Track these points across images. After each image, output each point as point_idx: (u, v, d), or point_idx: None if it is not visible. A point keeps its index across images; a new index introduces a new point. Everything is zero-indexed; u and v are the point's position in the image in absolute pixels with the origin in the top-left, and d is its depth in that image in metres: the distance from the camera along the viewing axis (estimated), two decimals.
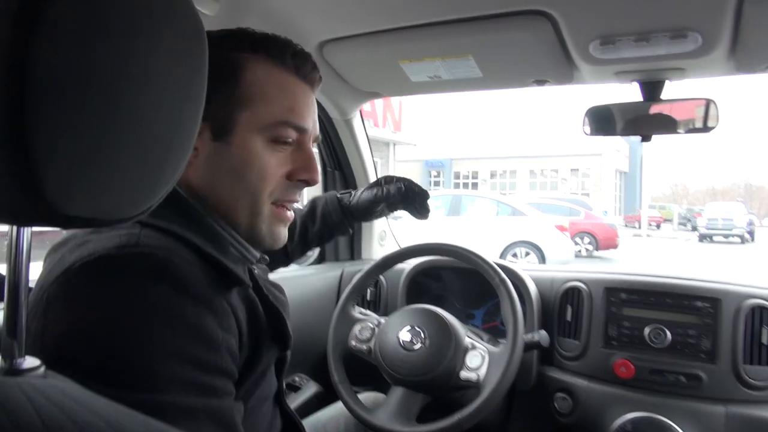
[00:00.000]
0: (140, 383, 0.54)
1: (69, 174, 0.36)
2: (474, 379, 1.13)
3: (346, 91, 1.56)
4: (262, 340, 0.74)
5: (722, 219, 19.96)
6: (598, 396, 1.36)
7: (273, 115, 0.73)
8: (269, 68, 0.74)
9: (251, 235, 0.76)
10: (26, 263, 0.44)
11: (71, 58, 0.34)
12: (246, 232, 0.75)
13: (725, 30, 1.05)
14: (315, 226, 1.23)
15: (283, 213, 0.78)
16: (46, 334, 0.56)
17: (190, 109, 0.45)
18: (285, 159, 0.76)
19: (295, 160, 0.76)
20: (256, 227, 0.75)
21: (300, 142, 0.77)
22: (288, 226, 0.80)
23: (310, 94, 0.78)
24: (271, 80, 0.74)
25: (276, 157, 0.74)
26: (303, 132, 0.76)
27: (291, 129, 0.74)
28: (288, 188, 0.77)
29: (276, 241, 0.78)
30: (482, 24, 1.14)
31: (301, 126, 0.75)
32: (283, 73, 0.75)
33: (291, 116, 0.74)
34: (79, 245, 0.61)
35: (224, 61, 0.71)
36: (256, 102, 0.72)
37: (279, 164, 0.75)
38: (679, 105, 1.32)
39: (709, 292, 1.32)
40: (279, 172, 0.75)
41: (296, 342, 1.49)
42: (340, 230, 1.27)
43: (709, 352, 1.29)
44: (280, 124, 0.73)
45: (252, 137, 0.72)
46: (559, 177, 27.89)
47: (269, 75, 0.73)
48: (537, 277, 1.52)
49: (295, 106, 0.75)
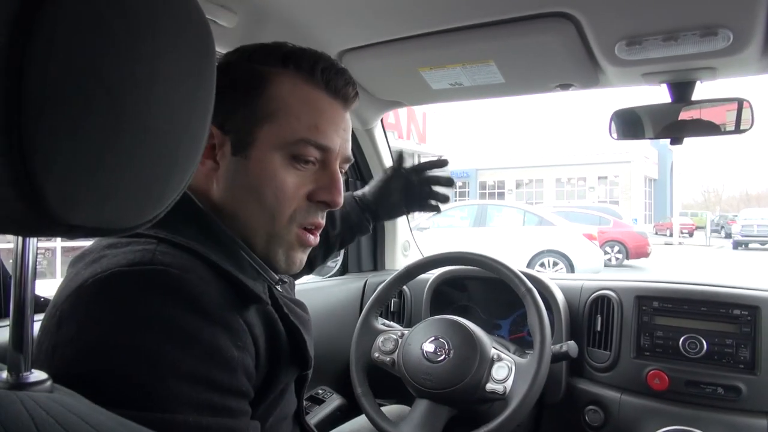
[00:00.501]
0: (151, 404, 0.53)
1: (71, 182, 0.35)
2: (500, 391, 1.09)
3: (367, 100, 1.55)
4: (280, 359, 0.72)
5: (758, 225, 19.38)
6: (630, 409, 1.31)
7: (294, 132, 0.69)
8: (297, 82, 0.71)
9: (266, 257, 0.73)
10: (32, 276, 0.43)
11: (72, 62, 0.34)
12: (262, 253, 0.72)
13: (758, 26, 1.01)
14: (336, 229, 1.21)
15: (307, 238, 0.74)
16: (57, 352, 0.55)
17: (198, 116, 0.44)
18: (307, 178, 0.72)
19: (317, 180, 0.73)
20: (272, 250, 0.72)
21: (325, 162, 0.73)
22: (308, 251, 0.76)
23: (340, 111, 0.74)
24: (296, 95, 0.70)
25: (296, 175, 0.71)
26: (326, 151, 0.72)
27: (312, 147, 0.70)
28: (310, 210, 0.73)
29: (291, 267, 0.75)
30: (503, 28, 1.13)
31: (323, 145, 0.71)
32: (311, 88, 0.71)
33: (313, 134, 0.70)
34: (94, 261, 0.61)
35: (252, 73, 0.70)
36: (278, 117, 0.69)
37: (299, 184, 0.71)
38: (710, 106, 1.28)
39: (747, 300, 1.27)
40: (300, 193, 0.71)
41: (319, 354, 1.48)
42: (361, 229, 1.24)
43: (748, 362, 1.23)
44: (300, 141, 0.70)
45: (270, 153, 0.69)
46: (586, 185, 27.55)
47: (295, 89, 0.70)
48: (564, 285, 1.48)
49: (319, 123, 0.71)
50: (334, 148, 0.72)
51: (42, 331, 0.59)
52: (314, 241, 0.75)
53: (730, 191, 55.30)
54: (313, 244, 0.76)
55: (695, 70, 1.21)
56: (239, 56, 0.73)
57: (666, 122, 1.32)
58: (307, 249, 0.76)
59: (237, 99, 0.69)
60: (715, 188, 54.29)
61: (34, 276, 0.44)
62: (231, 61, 0.74)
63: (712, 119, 1.28)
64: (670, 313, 1.33)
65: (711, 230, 23.65)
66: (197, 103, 0.44)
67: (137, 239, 0.63)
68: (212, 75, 0.46)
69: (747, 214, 20.99)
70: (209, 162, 0.70)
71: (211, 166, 0.70)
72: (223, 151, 0.70)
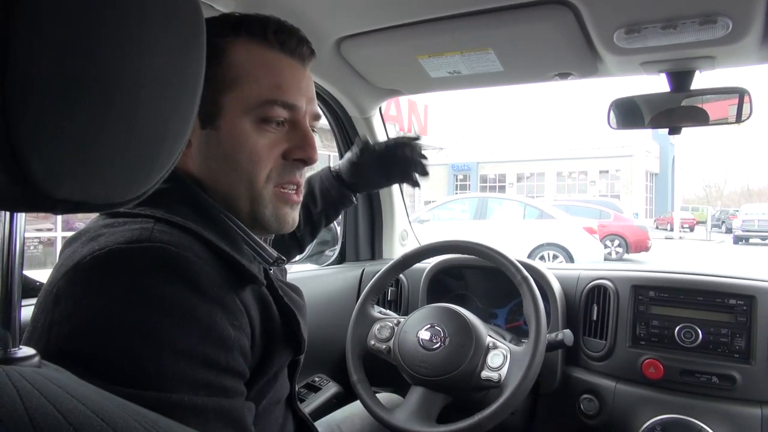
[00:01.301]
0: (147, 381, 0.53)
1: (57, 156, 0.35)
2: (495, 378, 1.10)
3: (365, 88, 1.55)
4: (274, 341, 0.72)
5: (758, 220, 19.35)
6: (625, 397, 1.32)
7: (258, 95, 0.70)
8: (251, 47, 0.71)
9: (255, 220, 0.73)
10: (20, 252, 0.43)
11: (58, 40, 0.33)
12: (250, 218, 0.73)
13: (757, 14, 1.00)
14: (318, 206, 1.20)
15: (288, 195, 0.75)
16: (53, 329, 0.55)
17: (187, 93, 0.44)
18: (279, 139, 0.73)
19: (289, 140, 0.73)
20: (258, 212, 0.73)
21: (294, 121, 0.74)
22: (297, 209, 0.78)
23: (299, 70, 0.74)
24: (254, 59, 0.71)
25: (268, 137, 0.72)
26: (293, 109, 0.73)
27: (279, 107, 0.71)
28: (286, 169, 0.74)
29: (283, 223, 0.76)
30: (502, 16, 1.12)
31: (289, 103, 0.72)
32: (266, 50, 0.72)
33: (278, 94, 0.71)
34: (91, 239, 0.61)
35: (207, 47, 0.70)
36: (239, 83, 0.70)
37: (272, 145, 0.72)
38: (709, 95, 1.27)
39: (743, 289, 1.27)
40: (273, 153, 0.72)
41: (316, 342, 1.49)
42: (344, 202, 1.23)
43: (743, 351, 1.24)
44: (266, 102, 0.70)
45: (239, 120, 0.70)
46: (587, 179, 27.51)
47: (251, 54, 0.71)
48: (561, 275, 1.48)
49: (282, 83, 0.71)
50: (300, 105, 0.73)
51: (38, 309, 0.59)
52: (296, 198, 0.77)
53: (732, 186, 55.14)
54: (296, 201, 0.77)
55: (694, 59, 1.20)
56: None
57: (664, 112, 1.31)
58: (295, 206, 0.77)
59: None
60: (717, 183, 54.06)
61: (22, 253, 0.43)
62: None
63: (711, 109, 1.27)
64: (666, 302, 1.33)
65: (712, 225, 23.63)
66: (186, 81, 0.44)
67: (134, 218, 0.63)
68: (202, 53, 0.45)
69: (748, 209, 20.97)
70: None
71: None
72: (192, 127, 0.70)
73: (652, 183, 29.95)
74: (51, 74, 0.33)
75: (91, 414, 0.34)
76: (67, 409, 0.34)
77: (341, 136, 1.77)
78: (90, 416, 0.34)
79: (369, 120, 1.70)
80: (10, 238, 0.42)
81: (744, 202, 31.23)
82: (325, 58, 1.37)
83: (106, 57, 0.36)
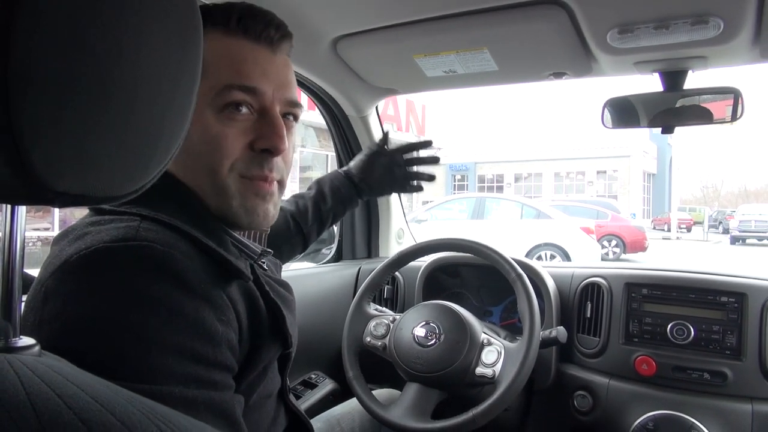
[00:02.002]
0: (137, 376, 0.53)
1: (57, 149, 0.36)
2: (489, 374, 1.11)
3: (362, 87, 1.56)
4: (262, 336, 0.73)
5: (755, 221, 19.41)
6: (618, 394, 1.33)
7: (217, 81, 0.67)
8: (214, 37, 0.68)
9: (224, 213, 0.71)
10: (21, 245, 0.44)
11: (58, 34, 0.34)
12: (218, 212, 0.71)
13: (748, 14, 1.02)
14: (327, 204, 1.22)
15: (255, 185, 0.71)
16: (43, 327, 0.56)
17: (184, 87, 0.45)
18: (247, 129, 0.70)
19: (257, 129, 0.70)
20: (225, 204, 0.70)
21: (263, 110, 0.71)
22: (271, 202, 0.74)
23: (265, 54, 0.71)
24: (215, 50, 0.68)
25: (233, 127, 0.69)
26: (255, 93, 0.70)
27: (237, 91, 0.68)
28: (254, 161, 0.71)
29: (253, 215, 0.72)
30: (497, 15, 1.13)
31: (249, 86, 0.69)
32: (229, 39, 0.69)
33: (236, 78, 0.68)
34: (77, 238, 0.61)
35: None
36: (203, 75, 0.68)
37: (238, 135, 0.69)
38: (702, 96, 1.28)
39: (734, 287, 1.28)
40: (239, 143, 0.69)
41: (312, 340, 1.50)
42: (351, 203, 1.26)
43: (734, 348, 1.25)
44: (225, 88, 0.68)
45: (202, 111, 0.67)
46: (585, 180, 27.53)
47: (213, 45, 0.67)
48: (556, 273, 1.49)
49: (241, 68, 0.69)
50: (263, 89, 0.70)
51: (27, 308, 0.59)
52: (267, 187, 0.73)
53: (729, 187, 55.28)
54: (267, 191, 0.73)
55: (687, 59, 1.22)
56: None
57: (658, 111, 1.33)
58: (267, 196, 0.73)
59: None
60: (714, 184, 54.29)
61: (23, 246, 0.44)
62: None
63: (704, 108, 1.28)
64: (659, 299, 1.34)
65: (709, 225, 23.68)
66: (183, 75, 0.45)
67: (120, 216, 0.63)
68: (198, 47, 0.46)
69: (745, 210, 21.01)
70: None
71: None
72: None
73: (650, 183, 29.99)
74: (51, 68, 0.34)
75: (90, 399, 0.35)
76: (67, 394, 0.35)
77: (338, 135, 1.78)
78: (89, 401, 0.35)
79: (366, 119, 1.71)
80: (11, 232, 0.43)
81: (741, 203, 31.27)
82: (321, 58, 1.38)
83: (104, 51, 0.37)
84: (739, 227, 19.79)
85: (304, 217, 1.19)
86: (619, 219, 13.18)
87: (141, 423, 0.36)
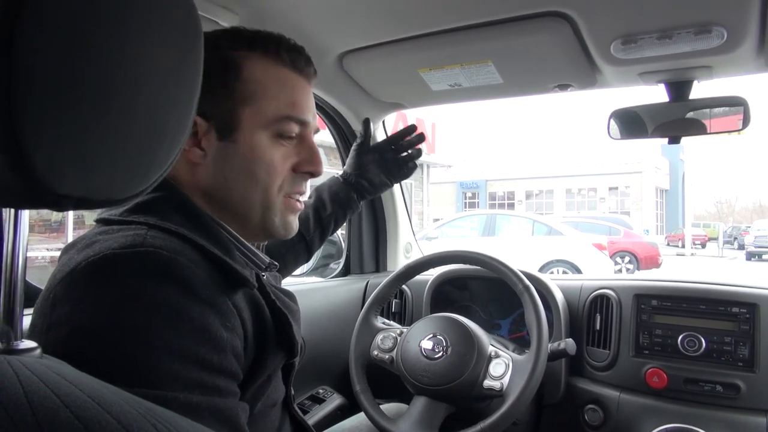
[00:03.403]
0: (142, 380, 0.54)
1: (59, 152, 0.37)
2: (497, 387, 1.10)
3: (368, 102, 1.57)
4: (267, 344, 0.74)
5: None
6: (629, 407, 1.31)
7: (276, 111, 0.74)
8: (266, 64, 0.75)
9: (265, 227, 0.77)
10: (24, 250, 0.44)
11: (61, 39, 0.35)
12: (259, 226, 0.77)
13: (751, 24, 1.02)
14: (327, 210, 1.24)
15: (294, 204, 0.80)
16: (50, 332, 0.57)
17: (185, 93, 0.46)
18: (289, 152, 0.77)
19: (299, 153, 0.78)
20: (268, 219, 0.77)
21: (302, 136, 0.79)
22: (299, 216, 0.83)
23: (307, 88, 0.80)
24: (270, 76, 0.75)
25: (281, 151, 0.76)
26: (304, 125, 0.78)
27: (294, 123, 0.76)
28: (295, 180, 0.79)
29: (288, 231, 0.80)
30: (500, 28, 1.14)
31: (303, 119, 0.77)
32: (281, 68, 0.76)
33: (293, 111, 0.76)
34: (86, 246, 0.63)
35: (222, 60, 0.73)
36: (257, 98, 0.73)
37: (284, 158, 0.76)
38: (708, 105, 1.28)
39: (745, 297, 1.26)
40: (286, 166, 0.77)
41: (320, 354, 1.50)
42: (351, 207, 1.27)
43: (747, 360, 1.23)
44: (283, 119, 0.75)
45: (257, 134, 0.74)
46: (597, 196, 27.38)
47: (267, 71, 0.75)
48: (564, 285, 1.48)
49: (296, 100, 0.77)
50: (311, 121, 0.79)
51: (36, 314, 0.61)
52: (301, 206, 0.82)
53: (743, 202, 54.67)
54: (300, 209, 0.82)
55: (691, 69, 1.22)
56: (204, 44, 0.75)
57: (664, 121, 1.32)
58: (297, 213, 0.82)
59: (213, 85, 0.71)
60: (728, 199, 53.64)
61: (26, 250, 0.45)
62: None
63: (710, 118, 1.28)
64: (669, 311, 1.33)
65: (724, 241, 23.40)
66: (185, 81, 0.46)
67: (128, 225, 0.65)
68: (199, 54, 0.47)
69: (760, 225, 20.77)
70: (196, 150, 0.73)
71: (198, 153, 0.73)
72: (208, 138, 0.73)
73: (662, 199, 29.76)
74: (53, 72, 0.35)
75: (87, 398, 0.35)
76: (64, 393, 0.35)
77: (345, 150, 1.79)
78: (87, 401, 0.35)
79: (373, 134, 1.72)
80: (14, 237, 0.44)
81: (756, 218, 30.94)
82: (327, 73, 1.39)
83: (106, 57, 0.38)
84: (754, 243, 19.55)
85: (305, 225, 1.20)
86: (631, 235, 13.09)
87: (137, 422, 0.36)
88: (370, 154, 1.29)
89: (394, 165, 1.30)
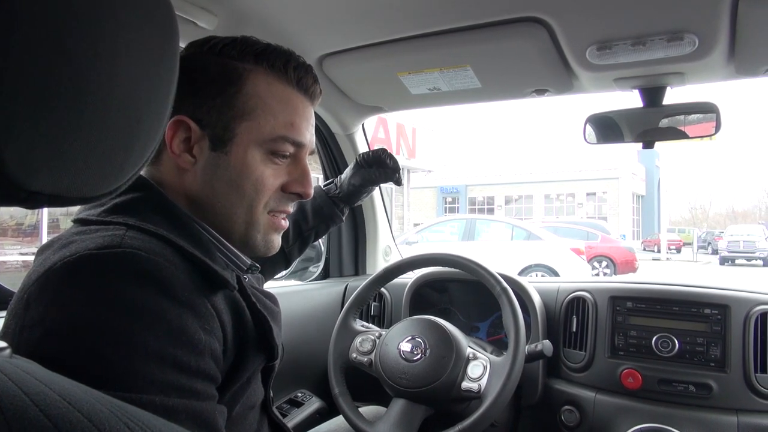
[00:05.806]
0: (118, 383, 0.53)
1: (30, 149, 0.36)
2: (475, 389, 1.10)
3: (348, 105, 1.57)
4: (247, 346, 0.73)
5: (744, 241, 19.60)
6: (605, 408, 1.33)
7: (273, 129, 0.73)
8: (270, 80, 0.74)
9: (246, 242, 0.76)
10: None
11: (34, 36, 0.35)
12: (241, 240, 0.76)
13: (722, 31, 1.04)
14: (309, 223, 1.22)
15: (279, 222, 0.79)
16: (23, 333, 0.55)
17: (160, 92, 0.45)
18: (281, 171, 0.76)
19: (290, 173, 0.77)
20: (250, 236, 0.76)
21: (296, 156, 0.78)
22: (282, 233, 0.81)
23: (309, 108, 0.79)
24: (272, 93, 0.73)
25: (272, 168, 0.75)
26: (300, 146, 0.77)
27: (289, 144, 0.75)
28: (282, 199, 0.78)
29: (270, 248, 0.79)
30: (479, 33, 1.15)
31: (299, 141, 0.76)
32: (285, 86, 0.75)
33: (290, 131, 0.74)
34: (62, 246, 0.61)
35: (225, 69, 0.72)
36: (256, 114, 0.72)
37: (275, 176, 0.75)
38: (681, 111, 1.31)
39: (717, 299, 1.29)
40: (275, 184, 0.75)
41: (299, 358, 1.49)
42: (334, 220, 1.25)
43: (718, 360, 1.25)
44: (279, 138, 0.74)
45: (250, 149, 0.72)
46: (575, 201, 27.71)
47: (270, 87, 0.73)
48: (541, 288, 1.50)
49: (295, 120, 0.75)
50: (306, 143, 0.78)
51: (9, 315, 0.59)
52: (285, 224, 0.80)
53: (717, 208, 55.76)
54: (284, 228, 0.80)
55: (664, 75, 1.24)
56: (209, 49, 0.75)
57: (639, 126, 1.35)
58: (281, 231, 0.81)
59: (212, 94, 0.71)
60: (702, 205, 54.70)
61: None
62: (199, 52, 0.75)
63: (683, 123, 1.31)
64: (644, 312, 1.35)
65: (698, 246, 23.84)
66: (160, 82, 0.45)
67: (106, 226, 0.64)
68: (175, 54, 0.47)
69: (733, 231, 21.22)
70: (186, 156, 0.71)
71: (188, 160, 0.72)
72: (200, 146, 0.71)
73: (639, 205, 30.22)
74: (25, 68, 0.34)
75: (58, 397, 0.35)
76: (33, 392, 0.34)
77: (325, 153, 1.79)
78: (56, 399, 0.35)
79: (352, 137, 1.72)
80: None
81: (729, 224, 31.55)
82: None
83: (80, 56, 0.37)
84: (728, 248, 19.95)
85: (284, 236, 1.19)
86: (609, 240, 13.25)
87: (109, 421, 0.36)
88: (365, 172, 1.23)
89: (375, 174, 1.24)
